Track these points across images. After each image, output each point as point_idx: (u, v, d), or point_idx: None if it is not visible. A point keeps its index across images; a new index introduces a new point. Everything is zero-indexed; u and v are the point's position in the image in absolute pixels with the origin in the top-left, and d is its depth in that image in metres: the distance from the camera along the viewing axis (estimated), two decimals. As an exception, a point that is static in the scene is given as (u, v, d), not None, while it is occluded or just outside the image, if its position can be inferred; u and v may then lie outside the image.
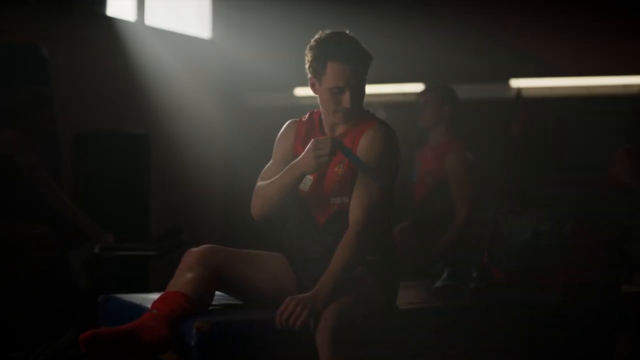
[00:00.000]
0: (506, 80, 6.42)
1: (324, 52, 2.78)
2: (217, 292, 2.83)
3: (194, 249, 2.79)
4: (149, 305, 2.71)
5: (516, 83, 6.37)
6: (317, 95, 2.88)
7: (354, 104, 2.81)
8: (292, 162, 2.76)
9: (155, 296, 2.77)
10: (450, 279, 3.37)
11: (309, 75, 2.85)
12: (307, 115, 2.96)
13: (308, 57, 2.84)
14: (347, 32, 2.85)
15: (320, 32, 2.85)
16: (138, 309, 2.80)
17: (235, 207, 6.73)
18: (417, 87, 6.00)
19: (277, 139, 2.94)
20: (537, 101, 6.22)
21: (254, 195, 2.83)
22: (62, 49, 5.51)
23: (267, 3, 6.97)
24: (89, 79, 5.89)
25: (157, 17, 6.57)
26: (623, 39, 6.08)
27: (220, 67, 7.13)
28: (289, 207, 2.89)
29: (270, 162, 2.92)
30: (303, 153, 2.73)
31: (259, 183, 2.84)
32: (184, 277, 2.72)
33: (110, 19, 6.09)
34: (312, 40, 2.85)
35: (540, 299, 3.39)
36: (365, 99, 2.92)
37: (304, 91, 6.54)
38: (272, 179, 2.78)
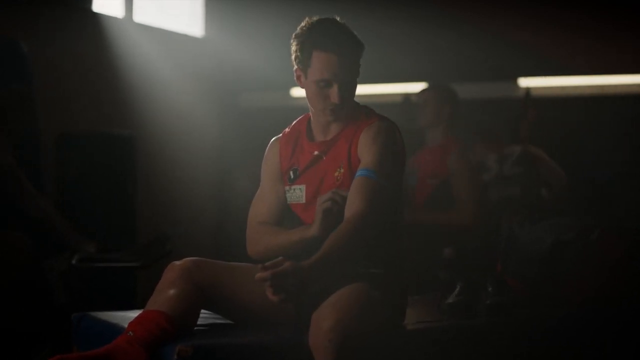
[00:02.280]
0: (514, 79, 6.39)
1: (309, 40, 2.60)
2: (202, 311, 2.66)
3: (176, 263, 2.62)
4: (128, 325, 2.53)
5: (525, 82, 6.33)
6: (304, 90, 2.71)
7: (343, 98, 2.62)
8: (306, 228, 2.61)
9: (137, 314, 2.58)
10: (464, 294, 3.12)
11: (295, 67, 2.67)
12: (291, 125, 2.80)
13: (293, 47, 2.66)
14: (337, 18, 2.66)
15: (306, 18, 2.66)
16: (116, 329, 2.62)
17: (228, 215, 6.77)
18: (419, 87, 5.90)
19: (262, 162, 2.81)
20: (547, 101, 6.19)
21: (252, 238, 2.73)
22: (44, 46, 5.44)
23: (260, 1, 6.93)
24: (73, 77, 5.82)
25: (147, 14, 6.49)
26: (638, 36, 6.05)
27: (213, 66, 7.09)
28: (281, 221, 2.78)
29: (259, 189, 2.79)
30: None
31: (256, 224, 2.74)
32: (164, 294, 2.54)
33: (97, 14, 6.01)
34: (298, 27, 2.66)
35: (564, 313, 3.24)
36: (365, 100, 2.77)
37: (301, 91, 6.35)
38: (280, 233, 2.68)
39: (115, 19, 6.16)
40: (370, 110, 2.73)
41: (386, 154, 2.62)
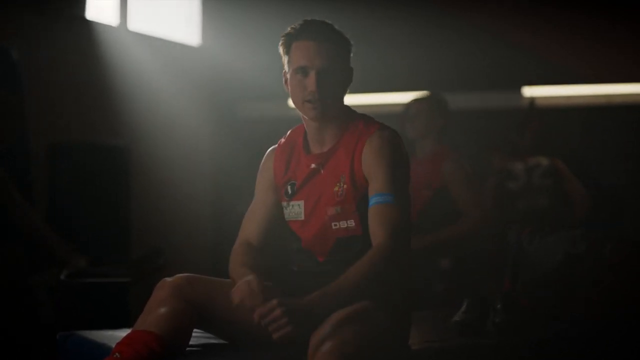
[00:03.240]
0: (518, 88, 6.34)
1: (291, 35, 2.54)
2: (195, 330, 2.56)
3: (167, 279, 2.50)
4: (117, 345, 2.44)
5: (529, 91, 6.30)
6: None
7: (322, 88, 2.49)
8: (241, 275, 2.45)
9: (126, 334, 2.49)
10: (471, 312, 3.00)
11: (284, 70, 2.58)
12: (287, 135, 2.68)
13: (279, 49, 2.58)
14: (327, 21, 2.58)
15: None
16: (103, 349, 2.54)
17: (224, 228, 6.70)
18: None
19: (258, 173, 2.71)
20: (552, 111, 6.15)
21: (232, 257, 2.59)
22: (35, 53, 5.42)
23: (260, 8, 6.91)
24: (65, 86, 5.79)
25: (142, 22, 6.48)
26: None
27: (210, 76, 7.09)
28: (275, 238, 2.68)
29: (253, 202, 2.68)
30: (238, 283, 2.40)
31: (239, 243, 2.63)
32: (154, 313, 2.43)
33: (90, 22, 5.99)
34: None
35: (578, 331, 3.10)
36: (365, 111, 2.63)
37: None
38: (241, 266, 2.51)
39: (109, 27, 6.15)
40: (368, 117, 2.61)
41: (396, 170, 2.51)
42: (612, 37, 6.03)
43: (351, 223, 2.52)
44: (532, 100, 5.78)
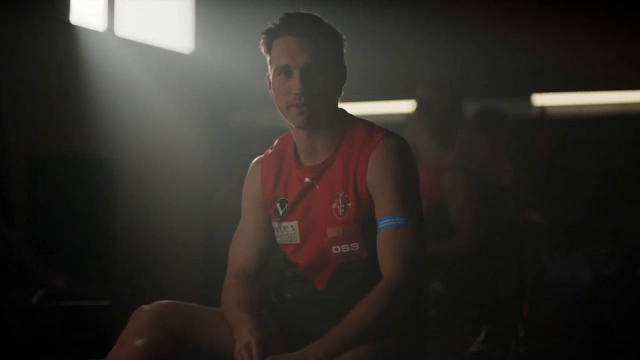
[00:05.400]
0: (528, 96, 6.34)
1: (271, 32, 2.27)
2: None
3: (145, 307, 2.31)
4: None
5: (539, 99, 6.31)
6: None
7: (308, 90, 2.22)
8: (237, 319, 2.27)
9: None
10: (490, 341, 2.93)
11: (267, 73, 2.34)
12: (274, 144, 2.42)
13: (261, 49, 2.33)
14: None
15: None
16: None
17: (216, 247, 6.66)
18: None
19: (243, 189, 2.47)
20: (563, 120, 6.13)
21: (224, 290, 2.38)
22: (14, 59, 5.38)
23: (256, 13, 6.79)
24: (46, 94, 5.72)
25: (130, 27, 6.44)
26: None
27: (203, 84, 7.07)
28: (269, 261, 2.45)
29: (240, 223, 2.46)
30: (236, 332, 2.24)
31: (232, 273, 2.41)
32: (129, 346, 2.25)
33: (74, 27, 5.92)
34: None
35: None
36: (367, 119, 2.37)
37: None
38: (231, 302, 2.32)
39: (94, 32, 6.10)
40: (369, 123, 2.33)
41: (407, 185, 2.25)
42: (626, 42, 6.05)
43: (354, 246, 2.28)
44: (542, 108, 5.70)
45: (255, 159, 2.43)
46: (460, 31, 6.38)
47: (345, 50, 2.33)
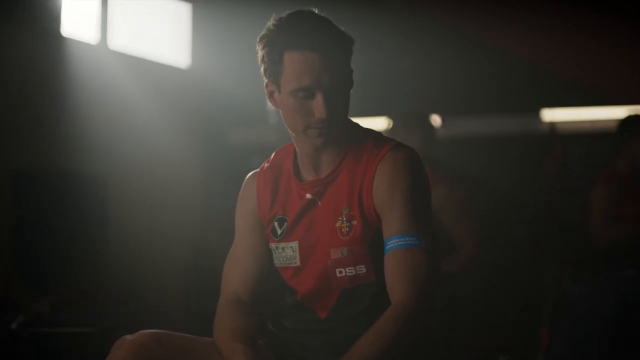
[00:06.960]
0: (538, 112, 6.31)
1: (279, 40, 2.10)
2: None
3: (128, 337, 2.19)
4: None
5: (550, 115, 6.27)
6: (280, 110, 2.20)
7: (332, 112, 2.09)
8: (230, 350, 2.13)
9: None
10: None
11: (265, 80, 2.17)
12: (271, 158, 2.29)
13: (258, 52, 2.17)
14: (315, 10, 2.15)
15: (273, 15, 2.16)
16: None
17: (211, 270, 6.51)
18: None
19: (236, 205, 2.35)
20: (575, 137, 6.14)
21: (217, 319, 2.24)
22: (4, 71, 5.42)
23: (254, 28, 6.59)
24: (35, 108, 5.70)
25: (124, 41, 6.43)
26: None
27: (200, 100, 7.08)
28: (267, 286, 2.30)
29: (234, 244, 2.33)
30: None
31: (225, 301, 2.26)
32: None
33: (66, 39, 5.91)
34: (265, 28, 2.18)
35: None
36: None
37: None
38: (225, 332, 2.18)
39: (87, 45, 6.09)
40: (377, 134, 2.19)
41: (418, 201, 2.13)
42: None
43: (361, 269, 2.15)
44: (552, 124, 5.81)
45: (250, 173, 2.30)
46: (465, 45, 6.40)
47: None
